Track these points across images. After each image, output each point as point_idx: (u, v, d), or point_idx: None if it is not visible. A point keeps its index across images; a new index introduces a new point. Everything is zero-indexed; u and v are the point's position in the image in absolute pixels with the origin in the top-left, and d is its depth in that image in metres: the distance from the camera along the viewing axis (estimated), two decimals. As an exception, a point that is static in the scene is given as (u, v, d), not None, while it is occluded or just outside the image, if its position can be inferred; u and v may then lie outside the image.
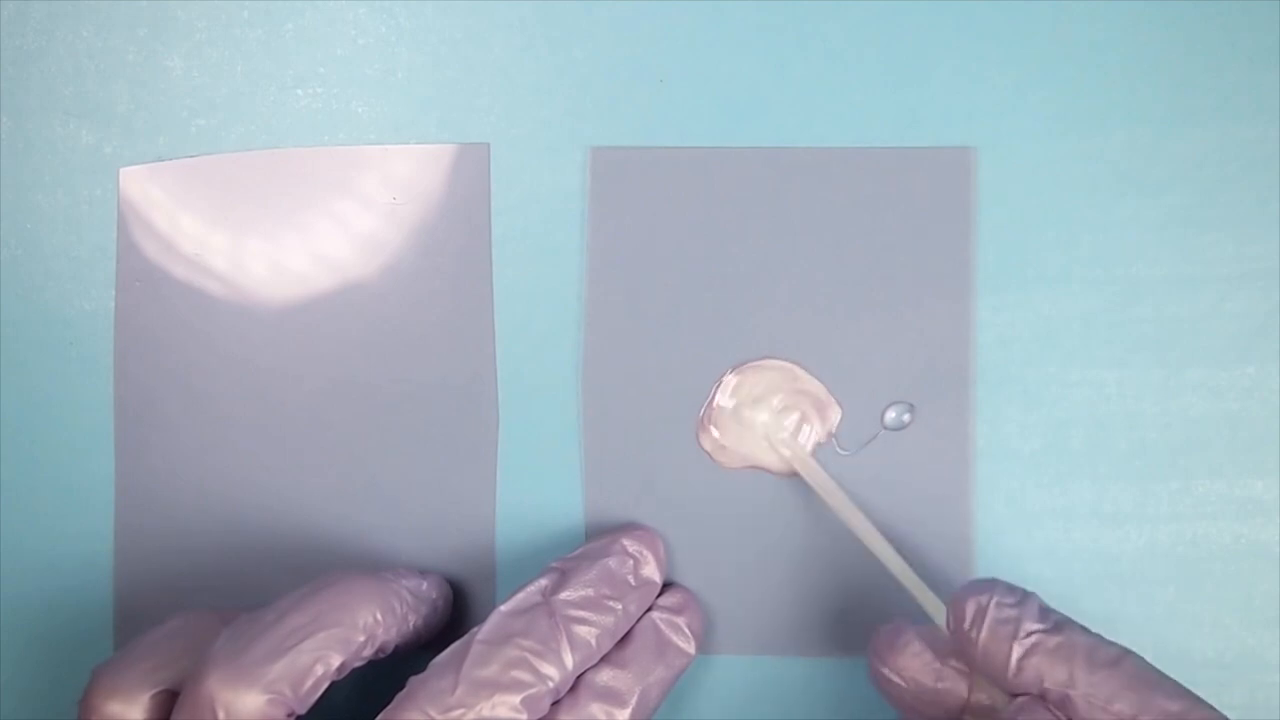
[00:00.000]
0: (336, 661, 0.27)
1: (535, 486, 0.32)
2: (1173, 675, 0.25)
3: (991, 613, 0.26)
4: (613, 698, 0.28)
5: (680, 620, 0.30)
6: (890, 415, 0.30)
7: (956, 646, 0.27)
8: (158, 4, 0.32)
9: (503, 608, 0.28)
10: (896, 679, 0.28)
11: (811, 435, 0.31)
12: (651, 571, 0.30)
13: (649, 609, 0.30)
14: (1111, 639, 0.26)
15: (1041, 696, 0.26)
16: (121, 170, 0.32)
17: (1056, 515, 0.31)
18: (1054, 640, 0.26)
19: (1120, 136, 0.31)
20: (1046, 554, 0.31)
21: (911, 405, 0.30)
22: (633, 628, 0.29)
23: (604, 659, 0.28)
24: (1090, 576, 0.31)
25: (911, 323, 0.31)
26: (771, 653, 0.31)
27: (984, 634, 0.26)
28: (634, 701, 0.28)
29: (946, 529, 0.31)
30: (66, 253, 0.32)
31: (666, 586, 0.31)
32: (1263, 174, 0.31)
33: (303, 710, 0.27)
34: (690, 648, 0.29)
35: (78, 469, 0.32)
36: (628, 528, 0.31)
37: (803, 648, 0.31)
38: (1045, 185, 0.31)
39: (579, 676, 0.28)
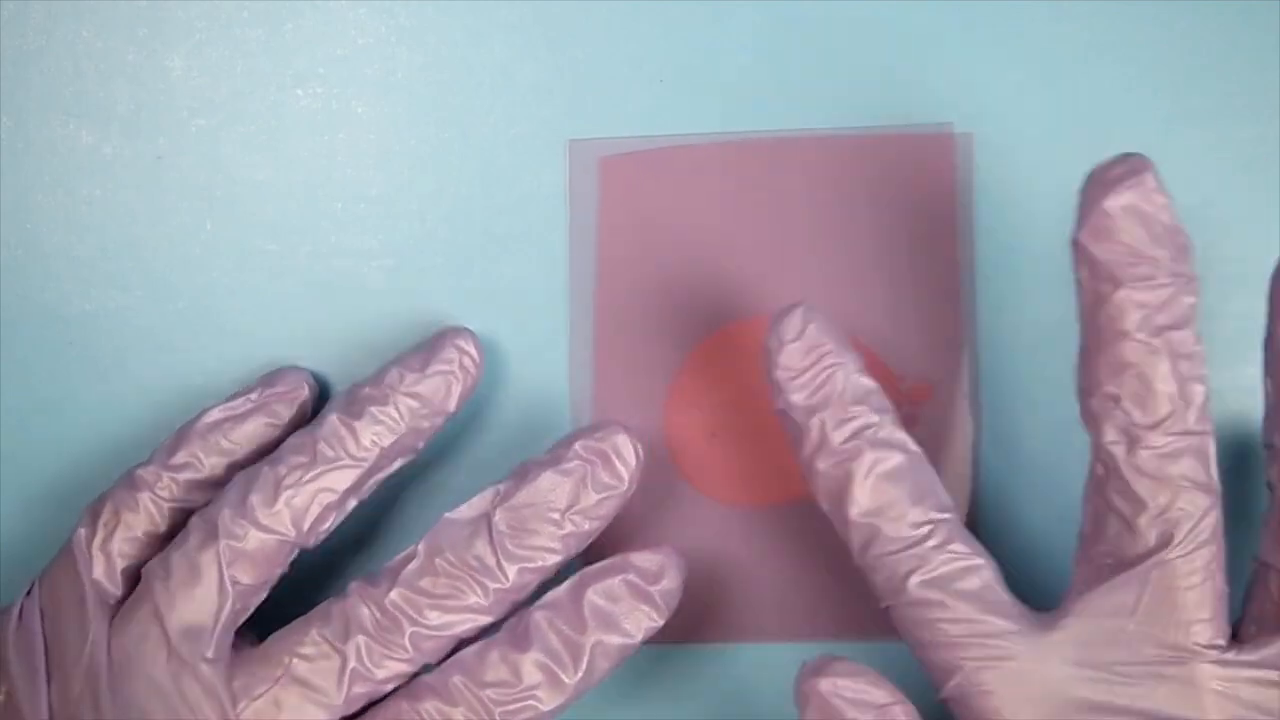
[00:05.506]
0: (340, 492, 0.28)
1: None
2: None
3: None
4: (558, 659, 0.27)
5: (654, 589, 0.27)
6: None
7: None
8: (158, 4, 0.32)
9: (450, 514, 0.28)
10: None
11: None
12: (613, 477, 0.28)
13: (623, 571, 0.28)
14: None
15: None
16: (601, 159, 0.31)
17: (1057, 516, 0.31)
18: None
19: (1120, 136, 0.31)
20: (1046, 554, 0.31)
21: None
22: (596, 585, 0.27)
23: (559, 614, 0.27)
24: (1090, 576, 0.31)
25: (911, 322, 0.32)
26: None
27: None
28: (583, 666, 0.27)
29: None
30: (66, 253, 0.32)
31: (647, 548, 0.28)
32: (1263, 174, 0.31)
33: (310, 544, 0.29)
34: (658, 617, 0.27)
35: (78, 469, 0.32)
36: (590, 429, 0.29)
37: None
38: (1046, 185, 0.31)
39: (529, 622, 0.27)
